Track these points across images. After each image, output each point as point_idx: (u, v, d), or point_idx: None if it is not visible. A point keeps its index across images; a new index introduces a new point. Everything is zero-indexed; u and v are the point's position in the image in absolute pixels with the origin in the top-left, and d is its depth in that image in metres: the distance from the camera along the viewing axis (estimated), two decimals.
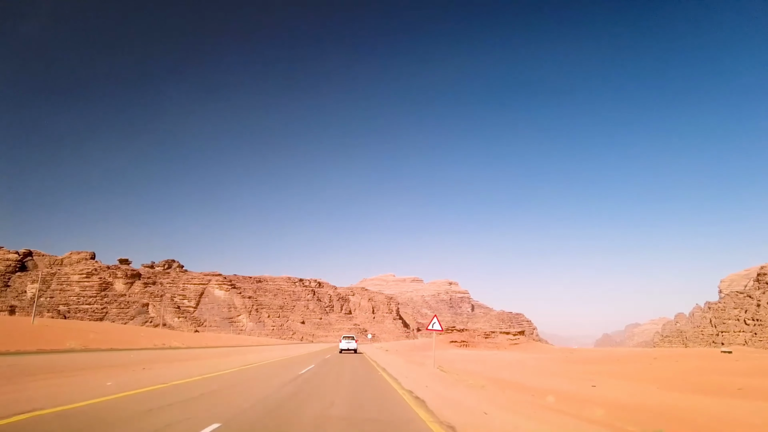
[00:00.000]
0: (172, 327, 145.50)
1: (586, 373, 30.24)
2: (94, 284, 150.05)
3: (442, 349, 69.15)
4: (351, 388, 15.57)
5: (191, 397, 11.45)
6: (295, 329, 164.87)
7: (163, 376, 16.50)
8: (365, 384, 17.22)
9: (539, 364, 41.27)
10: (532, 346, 78.51)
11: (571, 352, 72.57)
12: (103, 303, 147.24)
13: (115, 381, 13.90)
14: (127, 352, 34.41)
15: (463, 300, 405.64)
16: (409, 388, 15.46)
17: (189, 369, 21.12)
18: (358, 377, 20.37)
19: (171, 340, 77.73)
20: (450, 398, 13.85)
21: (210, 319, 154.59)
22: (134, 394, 11.36)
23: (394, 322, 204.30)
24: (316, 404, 11.30)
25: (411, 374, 22.14)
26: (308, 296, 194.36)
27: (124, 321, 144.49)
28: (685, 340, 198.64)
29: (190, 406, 10.22)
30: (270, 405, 10.90)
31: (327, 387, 15.19)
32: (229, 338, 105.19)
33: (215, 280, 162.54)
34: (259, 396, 12.39)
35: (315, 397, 12.47)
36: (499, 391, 16.86)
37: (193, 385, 13.92)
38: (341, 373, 21.80)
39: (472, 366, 37.05)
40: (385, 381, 18.26)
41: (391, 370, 22.43)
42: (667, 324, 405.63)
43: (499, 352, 67.07)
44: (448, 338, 79.25)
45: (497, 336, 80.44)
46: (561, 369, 35.45)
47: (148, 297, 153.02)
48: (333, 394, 13.40)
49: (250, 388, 14.60)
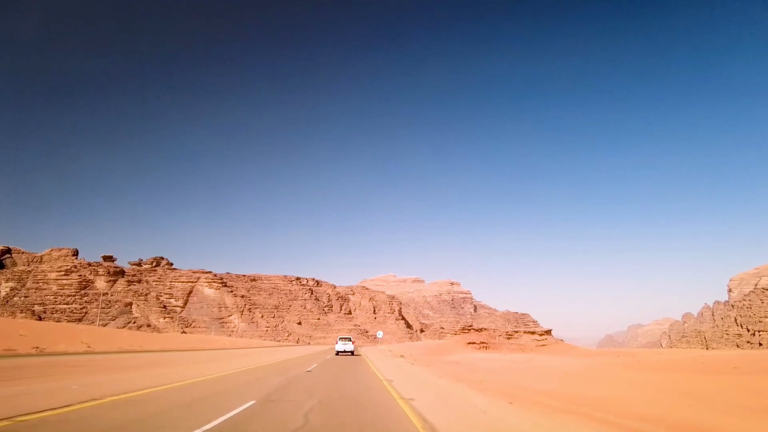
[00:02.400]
0: (157, 328, 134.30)
1: (723, 391, 19.21)
2: (73, 282, 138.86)
3: (461, 352, 58.14)
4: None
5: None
6: (291, 330, 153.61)
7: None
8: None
9: (611, 372, 30.19)
10: (564, 347, 67.52)
11: (617, 355, 61.64)
12: (83, 302, 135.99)
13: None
14: (56, 357, 23.79)
15: (466, 300, 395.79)
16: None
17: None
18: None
19: (149, 342, 66.86)
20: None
21: (199, 320, 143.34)
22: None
23: (397, 323, 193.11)
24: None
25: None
26: (306, 295, 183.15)
27: (104, 322, 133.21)
28: (705, 340, 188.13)
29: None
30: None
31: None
32: (215, 340, 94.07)
33: (204, 277, 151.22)
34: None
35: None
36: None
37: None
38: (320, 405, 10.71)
39: (517, 378, 26.10)
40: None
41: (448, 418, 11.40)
42: (674, 324, 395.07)
43: (530, 356, 55.75)
44: (464, 339, 68.22)
45: (521, 336, 69.46)
46: (668, 383, 24.43)
47: (132, 296, 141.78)
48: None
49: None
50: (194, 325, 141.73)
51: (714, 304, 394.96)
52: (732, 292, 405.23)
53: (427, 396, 13.93)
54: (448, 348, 56.67)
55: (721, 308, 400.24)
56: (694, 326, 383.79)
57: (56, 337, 41.82)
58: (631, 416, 11.77)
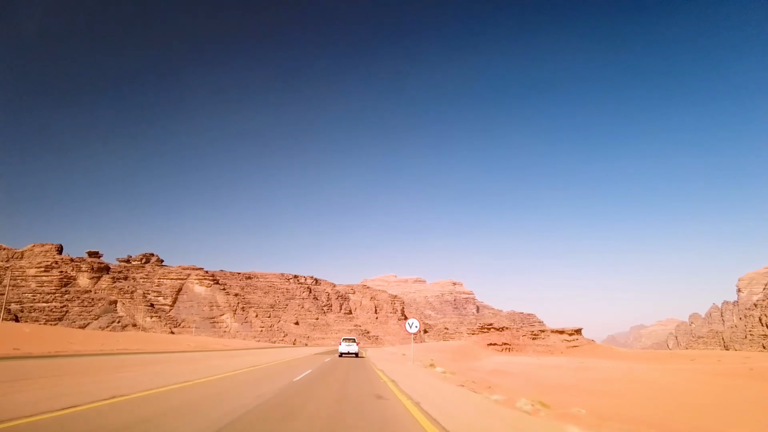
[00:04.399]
0: (143, 328, 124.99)
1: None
2: (54, 279, 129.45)
3: (486, 356, 48.87)
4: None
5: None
6: (287, 331, 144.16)
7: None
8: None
9: (723, 386, 20.97)
10: (600, 349, 58.27)
11: (670, 359, 52.50)
12: (63, 301, 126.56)
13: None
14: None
15: (468, 301, 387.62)
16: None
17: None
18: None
19: (122, 342, 57.61)
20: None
21: (188, 319, 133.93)
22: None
23: (399, 323, 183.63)
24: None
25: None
26: (304, 294, 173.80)
27: (86, 321, 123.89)
28: (723, 341, 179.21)
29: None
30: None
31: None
32: (201, 342, 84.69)
33: (195, 274, 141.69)
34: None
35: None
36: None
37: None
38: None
39: (576, 396, 16.97)
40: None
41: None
42: (680, 325, 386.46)
43: (564, 360, 46.30)
44: (483, 340, 58.92)
45: (548, 336, 60.20)
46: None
47: (117, 293, 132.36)
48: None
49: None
50: (184, 324, 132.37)
51: (723, 304, 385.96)
52: (741, 292, 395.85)
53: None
54: (470, 352, 47.60)
55: (730, 308, 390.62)
56: (702, 327, 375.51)
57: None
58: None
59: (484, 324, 69.54)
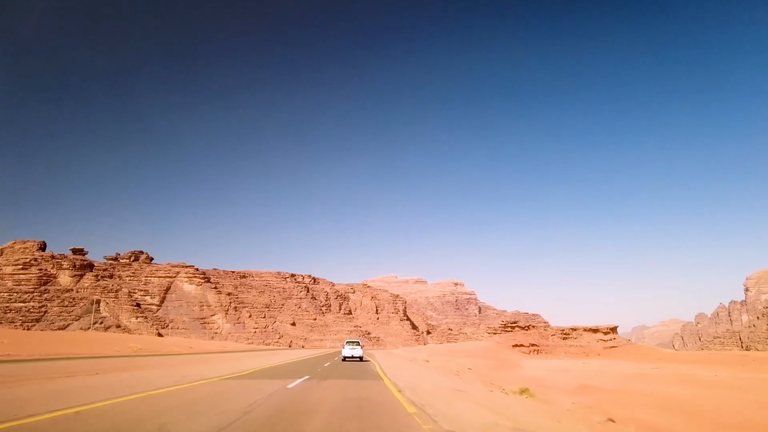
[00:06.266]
0: (128, 329, 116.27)
1: None
2: (32, 277, 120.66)
3: (522, 363, 40.24)
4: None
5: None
6: (283, 332, 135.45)
7: None
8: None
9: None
10: (643, 350, 49.72)
11: (741, 357, 44.13)
12: (42, 300, 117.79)
13: None
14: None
15: (470, 301, 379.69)
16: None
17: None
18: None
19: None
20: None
21: (177, 320, 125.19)
22: None
23: (402, 324, 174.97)
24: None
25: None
26: (301, 294, 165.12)
27: (66, 322, 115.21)
28: (741, 341, 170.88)
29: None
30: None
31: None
32: (183, 343, 76.08)
33: (185, 272, 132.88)
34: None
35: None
36: None
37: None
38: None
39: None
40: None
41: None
42: (686, 326, 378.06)
43: (623, 365, 37.59)
44: (507, 340, 50.44)
45: (580, 335, 51.78)
46: None
47: (100, 292, 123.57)
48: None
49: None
50: (172, 325, 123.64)
51: (730, 304, 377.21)
52: (749, 291, 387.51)
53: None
54: (501, 356, 39.41)
55: (738, 307, 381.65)
56: (708, 327, 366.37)
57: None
58: None
59: (507, 322, 61.27)
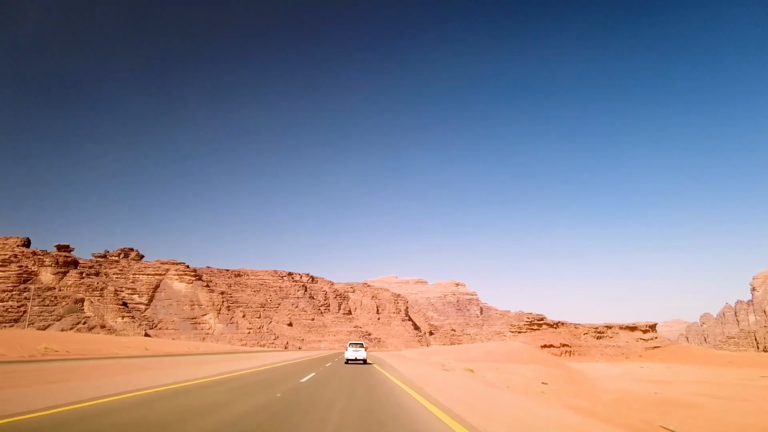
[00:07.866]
0: (113, 329, 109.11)
1: None
2: (11, 275, 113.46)
3: (558, 365, 33.23)
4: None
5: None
6: (279, 333, 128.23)
7: None
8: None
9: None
10: (691, 351, 42.74)
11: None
12: (22, 299, 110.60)
13: None
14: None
15: (471, 302, 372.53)
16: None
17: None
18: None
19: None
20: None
21: (166, 320, 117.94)
22: None
23: (404, 324, 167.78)
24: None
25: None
26: (299, 293, 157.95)
27: (47, 322, 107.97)
28: (757, 341, 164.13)
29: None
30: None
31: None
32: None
33: (175, 269, 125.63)
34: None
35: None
36: None
37: None
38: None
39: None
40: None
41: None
42: (691, 326, 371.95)
43: (678, 368, 30.50)
44: (534, 340, 43.63)
45: (616, 334, 44.97)
46: None
47: (84, 291, 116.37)
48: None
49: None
50: (161, 326, 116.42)
51: (736, 304, 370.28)
52: (756, 291, 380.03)
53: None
54: (536, 358, 32.76)
55: (744, 307, 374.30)
56: (715, 327, 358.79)
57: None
58: None
59: (533, 318, 54.54)
